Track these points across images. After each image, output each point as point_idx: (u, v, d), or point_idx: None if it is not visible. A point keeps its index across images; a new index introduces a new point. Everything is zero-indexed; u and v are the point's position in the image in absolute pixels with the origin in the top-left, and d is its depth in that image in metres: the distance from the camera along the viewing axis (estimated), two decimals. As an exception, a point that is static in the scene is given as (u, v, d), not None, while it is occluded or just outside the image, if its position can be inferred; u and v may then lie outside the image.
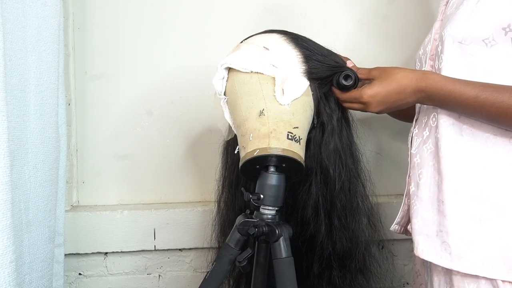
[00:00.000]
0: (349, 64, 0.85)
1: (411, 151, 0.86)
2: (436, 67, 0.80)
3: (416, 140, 0.84)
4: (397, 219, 0.89)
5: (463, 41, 0.75)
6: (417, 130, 0.85)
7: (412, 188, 0.83)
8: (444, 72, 0.77)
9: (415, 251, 0.80)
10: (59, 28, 1.00)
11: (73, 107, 1.22)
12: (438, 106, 0.77)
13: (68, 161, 1.17)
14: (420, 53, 0.88)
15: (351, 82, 0.80)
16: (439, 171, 0.77)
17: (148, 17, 1.23)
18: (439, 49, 0.80)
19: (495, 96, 0.70)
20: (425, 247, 0.78)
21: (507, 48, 0.72)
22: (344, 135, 0.83)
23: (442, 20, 0.84)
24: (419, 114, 0.87)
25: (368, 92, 0.78)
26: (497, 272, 0.71)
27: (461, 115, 0.76)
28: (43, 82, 0.94)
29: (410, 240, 1.32)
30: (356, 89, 0.81)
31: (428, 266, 0.85)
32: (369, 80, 0.81)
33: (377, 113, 0.81)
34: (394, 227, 0.90)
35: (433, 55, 0.83)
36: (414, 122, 0.87)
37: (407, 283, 1.33)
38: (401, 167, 1.32)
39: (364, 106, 0.80)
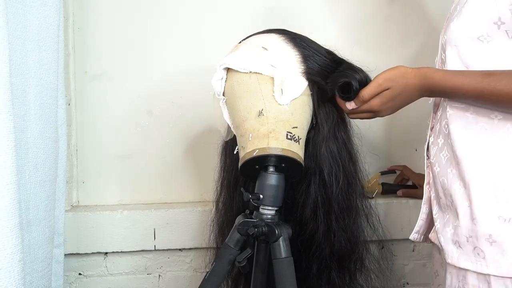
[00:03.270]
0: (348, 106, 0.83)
1: (430, 160, 0.85)
2: None
3: (433, 149, 0.84)
4: (416, 228, 0.88)
5: (458, 43, 0.77)
6: (433, 139, 0.85)
7: (441, 198, 0.82)
8: None
9: (450, 260, 0.78)
10: (59, 28, 1.00)
11: (73, 107, 1.22)
12: (443, 97, 0.81)
13: (68, 161, 1.17)
14: (436, 60, 0.89)
15: (350, 94, 0.80)
16: (460, 177, 0.77)
17: (148, 17, 1.23)
18: (443, 57, 0.81)
19: (492, 85, 0.71)
20: (460, 255, 0.77)
21: (504, 41, 0.73)
22: (340, 136, 0.83)
23: (444, 27, 0.85)
24: (433, 121, 0.87)
25: (380, 101, 0.80)
26: None
27: (473, 116, 0.77)
28: (43, 82, 0.94)
29: (410, 240, 1.32)
30: (365, 104, 0.81)
31: (446, 266, 0.83)
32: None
33: (383, 116, 0.84)
34: (413, 235, 0.89)
35: (440, 62, 0.84)
36: (429, 130, 0.88)
37: (407, 283, 1.33)
38: (401, 167, 1.32)
39: (375, 114, 0.82)
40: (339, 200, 0.82)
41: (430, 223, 0.88)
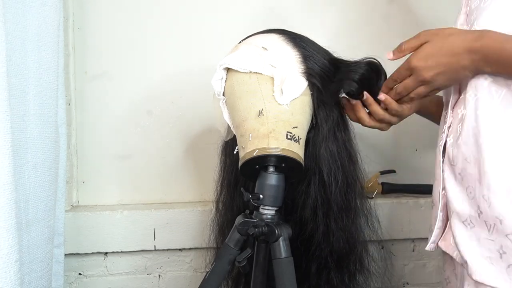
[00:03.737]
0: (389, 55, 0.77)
1: (450, 162, 0.75)
2: None
3: (453, 150, 0.74)
4: (432, 238, 0.79)
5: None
6: (452, 140, 0.74)
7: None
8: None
9: (478, 277, 0.69)
10: (58, 28, 1.00)
11: (73, 107, 1.22)
12: (497, 71, 0.67)
13: (68, 161, 1.17)
14: None
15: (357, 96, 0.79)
16: (489, 187, 0.67)
17: (148, 17, 1.23)
18: None
19: None
20: (491, 272, 0.67)
21: None
22: (340, 136, 0.83)
23: (467, 13, 0.75)
24: (451, 118, 0.76)
25: (417, 56, 0.71)
26: None
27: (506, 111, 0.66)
28: (43, 82, 0.94)
29: (410, 240, 1.31)
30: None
31: (460, 273, 0.77)
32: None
33: (429, 81, 0.71)
34: (430, 246, 0.80)
35: None
36: (446, 129, 0.77)
37: (407, 283, 1.33)
38: (400, 166, 1.32)
39: (415, 75, 0.72)
40: (337, 200, 0.82)
41: (443, 230, 0.80)
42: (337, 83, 0.80)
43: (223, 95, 0.83)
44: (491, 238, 0.68)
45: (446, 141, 0.76)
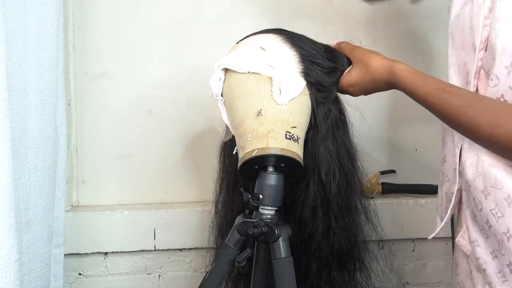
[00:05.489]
0: (334, 42, 0.89)
1: (461, 168, 0.73)
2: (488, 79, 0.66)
3: (469, 157, 0.70)
4: (436, 231, 0.81)
5: None
6: (467, 144, 0.71)
7: (476, 216, 0.71)
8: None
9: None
10: (58, 28, 1.00)
11: (73, 107, 1.22)
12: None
13: (68, 161, 1.18)
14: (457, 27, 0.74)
15: None
16: (499, 200, 0.65)
17: (148, 17, 1.23)
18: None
19: (443, 102, 0.67)
20: (504, 286, 0.67)
21: None
22: (339, 136, 0.83)
23: None
24: None
25: (346, 82, 0.82)
26: None
27: None
28: (43, 82, 0.94)
29: (410, 240, 1.31)
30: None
31: (476, 278, 0.74)
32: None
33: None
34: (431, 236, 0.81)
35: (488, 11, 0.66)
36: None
37: (407, 283, 1.33)
38: (400, 166, 1.32)
39: (347, 93, 0.85)
40: (338, 199, 0.81)
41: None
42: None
43: (222, 95, 0.83)
44: (502, 252, 0.66)
45: (463, 143, 0.73)
